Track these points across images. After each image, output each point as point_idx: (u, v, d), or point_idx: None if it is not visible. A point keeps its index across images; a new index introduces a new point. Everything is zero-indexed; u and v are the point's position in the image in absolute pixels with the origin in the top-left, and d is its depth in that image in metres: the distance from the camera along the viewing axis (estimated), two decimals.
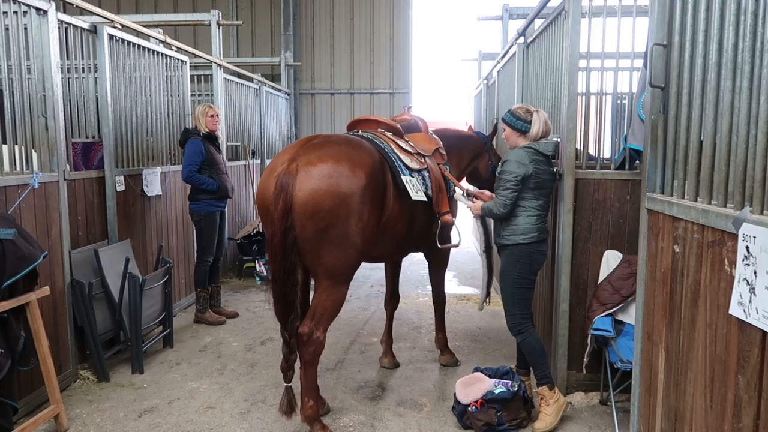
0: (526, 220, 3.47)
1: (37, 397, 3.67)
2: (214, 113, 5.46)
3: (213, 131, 5.49)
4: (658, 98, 2.48)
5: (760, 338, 1.67)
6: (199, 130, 5.39)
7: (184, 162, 5.34)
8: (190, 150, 5.30)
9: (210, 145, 5.44)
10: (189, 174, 5.30)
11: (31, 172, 3.72)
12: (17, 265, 3.04)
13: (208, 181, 5.35)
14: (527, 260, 3.50)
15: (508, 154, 3.52)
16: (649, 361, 2.56)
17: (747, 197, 1.79)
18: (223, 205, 5.62)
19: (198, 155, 5.30)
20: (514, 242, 3.49)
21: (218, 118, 5.55)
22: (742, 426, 1.76)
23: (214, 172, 5.42)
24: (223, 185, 5.48)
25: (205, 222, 5.45)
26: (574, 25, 3.61)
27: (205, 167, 5.37)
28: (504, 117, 3.62)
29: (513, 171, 3.41)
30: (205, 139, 5.39)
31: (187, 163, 5.30)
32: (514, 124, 3.54)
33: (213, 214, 5.49)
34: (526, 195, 3.47)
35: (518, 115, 3.53)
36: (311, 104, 12.64)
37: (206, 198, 5.40)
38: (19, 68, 3.70)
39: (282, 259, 3.12)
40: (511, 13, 8.82)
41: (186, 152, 5.35)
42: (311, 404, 3.31)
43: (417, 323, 5.66)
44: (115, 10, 11.98)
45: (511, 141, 3.59)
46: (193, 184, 5.36)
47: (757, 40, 1.78)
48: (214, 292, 5.77)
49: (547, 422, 3.46)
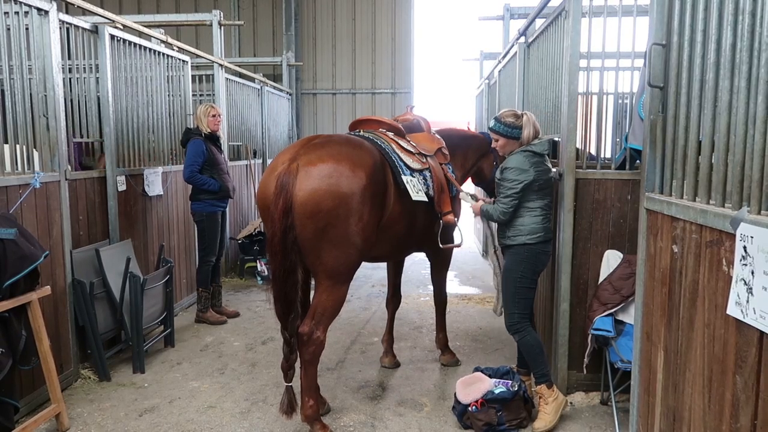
0: (531, 219, 3.47)
1: (38, 396, 3.69)
2: (216, 113, 5.46)
3: (215, 131, 5.49)
4: (657, 98, 2.48)
5: (758, 338, 1.67)
6: (201, 131, 5.39)
7: (186, 162, 5.33)
8: (192, 150, 5.29)
9: (212, 146, 5.45)
10: (191, 174, 5.30)
11: (32, 172, 3.73)
12: (18, 265, 3.05)
13: (210, 181, 5.35)
14: (532, 260, 3.50)
15: (507, 161, 3.51)
16: (648, 361, 2.56)
17: (745, 197, 1.79)
18: (224, 205, 5.62)
19: (200, 155, 5.30)
20: (520, 242, 3.48)
21: (220, 118, 5.55)
22: (740, 426, 1.76)
23: (215, 173, 5.43)
24: (224, 185, 5.48)
25: (207, 222, 5.46)
26: (575, 25, 3.60)
27: (206, 167, 5.37)
28: (494, 127, 3.57)
29: (515, 179, 3.40)
30: (206, 140, 5.39)
31: (189, 164, 5.29)
32: (507, 132, 3.51)
33: (215, 214, 5.49)
34: (531, 197, 3.46)
35: (509, 123, 3.50)
36: (313, 104, 12.65)
37: (208, 198, 5.41)
38: (21, 68, 3.72)
39: (282, 259, 3.13)
40: (512, 13, 8.82)
41: (187, 152, 5.34)
42: (311, 404, 3.31)
43: (418, 323, 5.67)
44: (117, 10, 12.01)
45: (507, 149, 3.58)
46: (195, 184, 5.37)
47: (755, 40, 1.78)
48: (215, 292, 5.78)
49: (546, 421, 3.46)
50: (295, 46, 12.21)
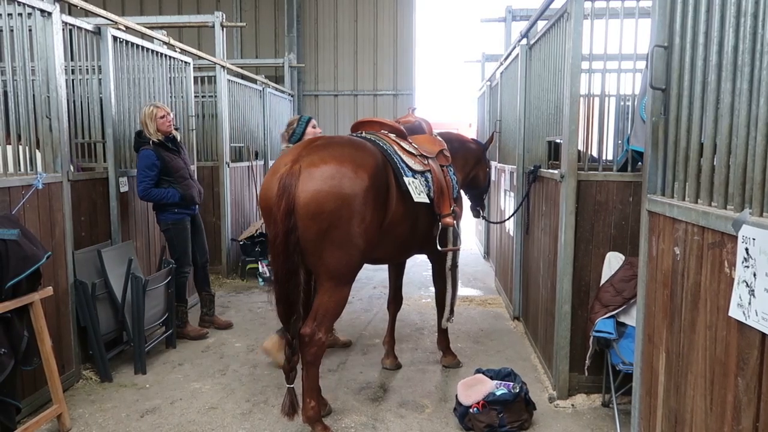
0: None
1: (39, 396, 3.69)
2: (164, 113, 4.83)
3: (167, 133, 4.87)
4: (658, 100, 2.48)
5: (760, 340, 1.66)
6: (149, 138, 4.79)
7: (138, 178, 4.78)
8: (142, 163, 4.74)
9: (165, 152, 4.84)
10: (144, 191, 4.76)
11: (35, 173, 3.74)
12: (21, 266, 3.06)
13: (168, 193, 4.84)
14: None
15: None
16: (650, 362, 2.55)
17: (747, 199, 1.79)
18: (192, 211, 5.16)
19: (151, 168, 4.75)
20: None
21: (170, 117, 4.89)
22: (742, 428, 1.76)
23: (174, 181, 4.90)
24: (187, 193, 4.96)
25: (174, 230, 5.02)
26: (577, 27, 3.60)
27: (163, 177, 4.84)
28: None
29: None
30: (158, 147, 4.80)
31: (140, 179, 4.74)
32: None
33: (182, 222, 5.04)
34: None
35: None
36: (315, 105, 12.66)
37: (171, 206, 4.96)
38: (24, 70, 3.73)
39: (284, 260, 3.13)
40: (514, 15, 8.82)
41: (138, 165, 4.79)
42: (313, 405, 3.32)
43: (419, 324, 5.66)
44: (119, 11, 12.02)
45: None
46: (152, 200, 4.91)
47: (757, 42, 1.77)
48: (206, 300, 5.47)
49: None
50: (297, 48, 12.22)
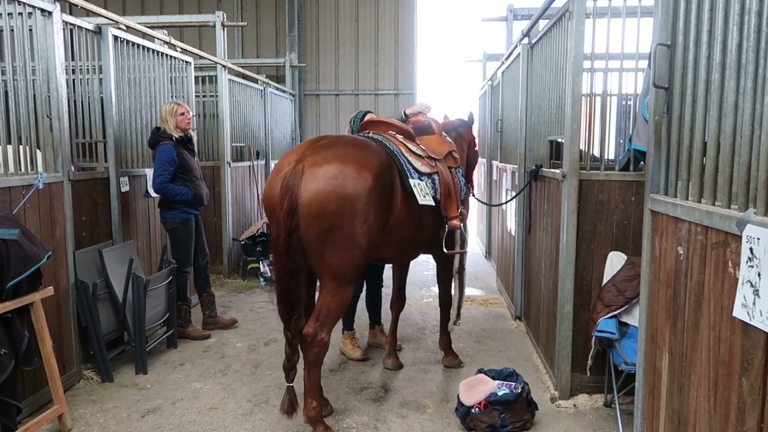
0: None
1: (40, 397, 3.69)
2: (184, 110, 4.91)
3: (186, 131, 4.95)
4: (661, 99, 2.47)
5: (764, 341, 1.65)
6: (170, 134, 4.86)
7: (155, 170, 4.84)
8: (162, 157, 4.79)
9: (183, 150, 4.94)
10: (161, 185, 4.82)
11: (35, 173, 3.73)
12: (21, 266, 3.05)
13: (182, 190, 4.90)
14: None
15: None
16: (653, 363, 2.54)
17: (751, 198, 1.78)
18: (198, 211, 5.20)
19: (170, 163, 4.82)
20: None
21: (190, 115, 4.99)
22: (746, 429, 1.74)
23: (188, 180, 4.97)
24: (198, 193, 5.03)
25: (181, 230, 5.02)
26: (578, 26, 3.59)
27: (179, 175, 4.91)
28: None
29: None
30: (177, 143, 4.89)
31: (159, 173, 4.79)
32: None
33: (188, 221, 5.06)
34: None
35: None
36: (316, 105, 12.66)
37: (180, 205, 4.99)
38: (25, 69, 3.72)
39: (286, 260, 3.12)
40: (516, 14, 8.80)
41: (156, 159, 4.83)
42: (314, 405, 3.31)
43: (421, 324, 5.65)
44: (120, 11, 12.02)
45: None
46: (167, 195, 4.91)
47: (762, 40, 1.76)
48: (208, 302, 5.45)
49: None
50: (298, 48, 12.22)
